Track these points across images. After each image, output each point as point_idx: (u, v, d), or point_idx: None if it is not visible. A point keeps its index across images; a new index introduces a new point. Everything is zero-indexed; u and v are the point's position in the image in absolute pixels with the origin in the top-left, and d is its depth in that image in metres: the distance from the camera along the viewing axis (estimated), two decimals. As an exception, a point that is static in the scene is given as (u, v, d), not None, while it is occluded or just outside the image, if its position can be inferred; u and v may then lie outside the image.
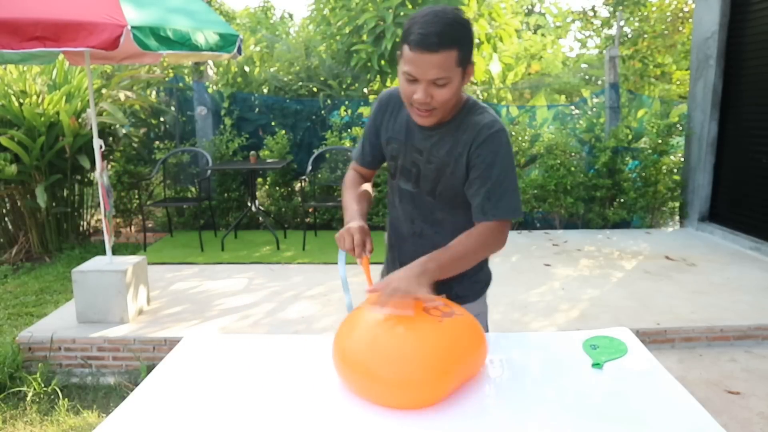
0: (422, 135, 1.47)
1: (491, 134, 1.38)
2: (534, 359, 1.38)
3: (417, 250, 1.46)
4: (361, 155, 1.64)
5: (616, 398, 1.20)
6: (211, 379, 1.32)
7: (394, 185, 1.57)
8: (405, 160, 1.50)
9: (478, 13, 5.99)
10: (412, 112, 1.39)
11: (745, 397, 2.80)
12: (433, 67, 1.26)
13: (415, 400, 1.17)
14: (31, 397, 2.97)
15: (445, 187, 1.46)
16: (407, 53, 1.28)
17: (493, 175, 1.38)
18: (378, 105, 1.56)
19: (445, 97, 1.31)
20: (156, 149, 6.16)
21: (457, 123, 1.42)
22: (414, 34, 1.26)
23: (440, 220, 1.51)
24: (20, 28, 2.70)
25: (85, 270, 3.44)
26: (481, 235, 1.40)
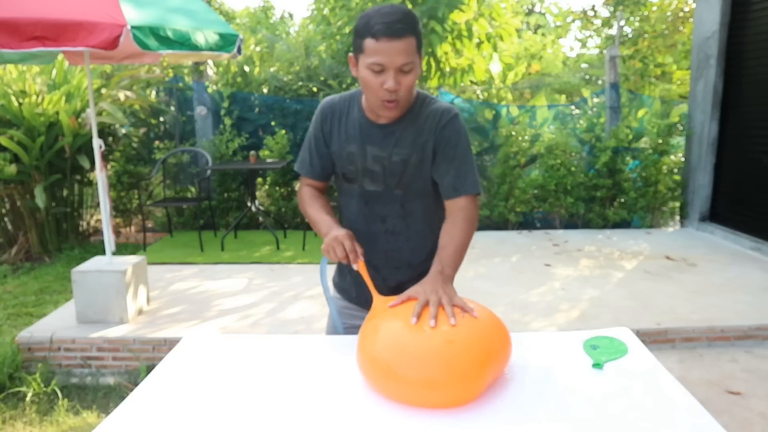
0: (381, 133, 1.50)
1: (452, 118, 1.49)
2: (534, 359, 1.38)
3: (392, 246, 1.57)
4: (311, 168, 1.61)
5: (617, 398, 1.20)
6: (211, 379, 1.32)
7: (353, 189, 1.57)
8: (366, 161, 1.52)
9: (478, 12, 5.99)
10: (378, 107, 1.43)
11: (746, 398, 2.80)
12: (401, 52, 1.33)
13: (447, 400, 1.16)
14: (31, 398, 2.97)
15: (413, 178, 1.51)
16: (372, 45, 1.34)
17: (459, 154, 1.49)
18: (321, 115, 1.57)
19: (411, 83, 1.39)
20: (156, 149, 6.16)
21: (414, 114, 1.50)
22: (378, 25, 1.32)
23: (411, 211, 1.55)
24: (20, 27, 2.69)
25: (85, 270, 3.44)
26: (464, 218, 1.48)
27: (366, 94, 1.45)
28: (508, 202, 5.93)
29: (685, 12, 8.51)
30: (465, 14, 5.85)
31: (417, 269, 1.55)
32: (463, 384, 1.15)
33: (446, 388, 1.15)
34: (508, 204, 5.93)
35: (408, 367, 1.15)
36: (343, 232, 1.44)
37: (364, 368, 1.24)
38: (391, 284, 1.59)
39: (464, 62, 6.26)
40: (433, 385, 1.14)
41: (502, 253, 5.06)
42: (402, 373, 1.16)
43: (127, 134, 6.05)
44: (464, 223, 1.48)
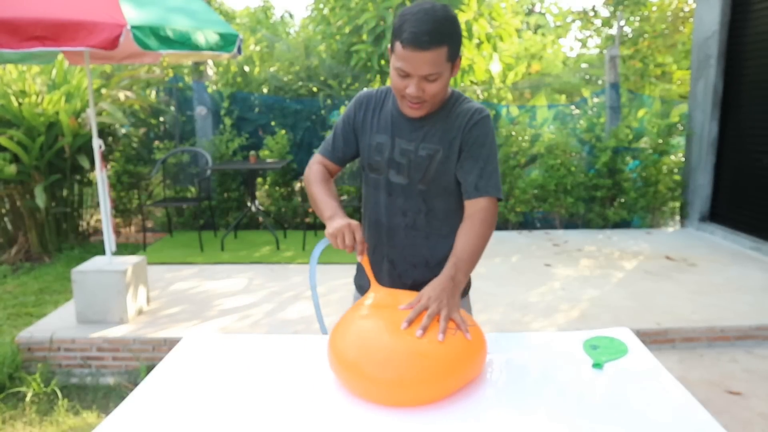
0: (411, 127, 1.51)
1: (482, 118, 1.49)
2: (534, 359, 1.38)
3: (411, 241, 1.56)
4: (332, 150, 1.61)
5: (617, 398, 1.20)
6: (211, 379, 1.32)
7: (380, 181, 1.56)
8: (394, 153, 1.52)
9: (478, 12, 5.98)
10: (402, 105, 1.45)
11: (746, 398, 2.80)
12: (425, 63, 1.33)
13: (410, 399, 1.17)
14: (31, 398, 2.97)
15: (437, 174, 1.50)
16: (399, 50, 1.34)
17: (484, 155, 1.48)
18: (357, 103, 1.59)
19: (435, 90, 1.39)
20: (156, 149, 6.16)
21: (446, 112, 1.50)
22: (406, 33, 1.31)
23: (433, 208, 1.54)
24: (20, 27, 2.69)
25: (85, 270, 3.44)
26: (482, 220, 1.46)
27: (394, 91, 1.45)
28: (508, 202, 5.93)
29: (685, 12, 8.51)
30: (465, 14, 5.85)
31: (434, 270, 1.50)
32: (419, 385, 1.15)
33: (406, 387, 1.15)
34: (508, 204, 5.93)
35: (373, 366, 1.16)
36: (355, 222, 1.41)
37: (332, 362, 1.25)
38: (406, 281, 1.58)
39: (464, 62, 6.26)
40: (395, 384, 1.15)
41: (502, 253, 5.06)
42: (368, 371, 1.16)
43: (127, 134, 6.05)
44: (482, 226, 1.45)
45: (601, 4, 9.06)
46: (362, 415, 1.15)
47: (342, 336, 1.26)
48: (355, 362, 1.19)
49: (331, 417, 1.15)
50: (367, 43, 6.00)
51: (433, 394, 1.17)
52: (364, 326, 1.26)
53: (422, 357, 1.16)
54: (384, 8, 5.85)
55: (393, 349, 1.17)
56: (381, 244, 1.60)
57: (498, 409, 1.17)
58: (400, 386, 1.15)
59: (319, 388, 1.26)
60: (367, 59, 6.06)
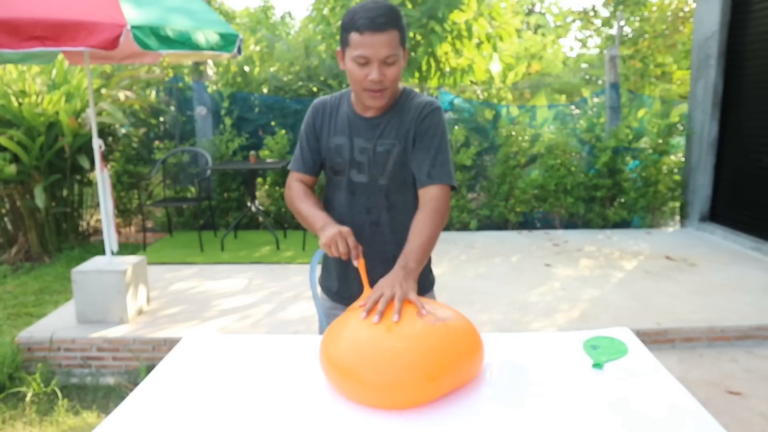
0: (367, 125, 1.57)
1: (432, 110, 1.55)
2: (534, 359, 1.38)
3: (377, 238, 1.60)
4: (302, 163, 1.66)
5: (617, 399, 1.19)
6: (211, 379, 1.32)
7: (341, 182, 1.62)
8: (354, 152, 1.58)
9: (478, 12, 5.98)
10: (364, 98, 1.50)
11: (746, 398, 2.80)
12: (384, 45, 1.41)
13: (402, 401, 1.16)
14: (31, 398, 2.97)
15: (396, 168, 1.57)
16: (357, 39, 1.41)
17: (436, 144, 1.54)
18: (313, 111, 1.65)
19: (394, 74, 1.46)
20: (156, 149, 6.16)
21: (399, 108, 1.57)
22: (361, 20, 1.40)
23: (395, 203, 1.60)
24: (20, 27, 2.69)
25: (85, 270, 3.44)
26: (434, 209, 1.50)
27: (352, 86, 1.51)
28: (508, 202, 5.93)
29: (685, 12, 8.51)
30: (465, 14, 5.85)
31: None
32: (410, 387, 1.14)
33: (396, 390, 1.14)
34: (508, 204, 5.93)
35: (363, 369, 1.15)
36: (346, 229, 1.45)
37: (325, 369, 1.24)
38: (375, 278, 1.57)
39: (464, 62, 6.26)
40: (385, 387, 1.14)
41: (502, 253, 5.06)
42: (357, 374, 1.15)
43: (127, 134, 6.05)
44: (433, 215, 1.49)
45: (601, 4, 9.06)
46: (362, 415, 1.15)
47: (334, 341, 1.25)
48: (349, 367, 1.17)
49: (330, 417, 1.15)
50: (367, 43, 5.99)
51: (428, 394, 1.17)
52: (357, 330, 1.24)
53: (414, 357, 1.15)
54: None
55: (386, 351, 1.16)
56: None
57: (498, 409, 1.17)
58: (395, 389, 1.14)
59: (319, 388, 1.26)
60: (367, 59, 6.05)
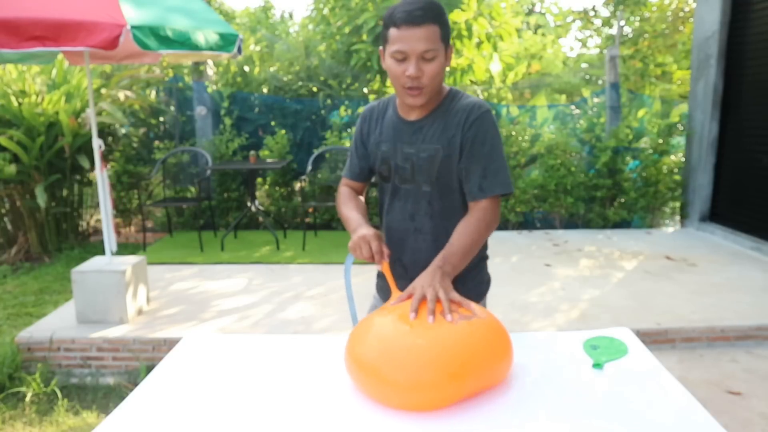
0: (410, 130, 1.53)
1: (481, 114, 1.46)
2: (534, 359, 1.38)
3: (419, 245, 1.56)
4: (350, 169, 1.68)
5: (617, 399, 1.19)
6: (211, 379, 1.32)
7: (388, 188, 1.60)
8: (398, 159, 1.55)
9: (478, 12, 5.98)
10: (403, 96, 1.45)
11: (746, 398, 2.80)
12: (421, 39, 1.36)
13: (424, 402, 1.15)
14: (30, 398, 2.97)
15: (440, 173, 1.50)
16: (394, 34, 1.38)
17: (486, 152, 1.46)
18: (362, 118, 1.64)
19: (434, 71, 1.40)
20: (156, 149, 6.15)
21: (444, 110, 1.50)
22: (399, 14, 1.37)
23: (439, 210, 1.54)
24: (19, 27, 2.69)
25: (85, 270, 3.44)
26: (481, 219, 1.45)
27: (393, 85, 1.45)
28: (508, 202, 5.93)
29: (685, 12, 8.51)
30: (465, 14, 5.85)
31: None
32: (447, 386, 1.13)
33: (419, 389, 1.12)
34: (508, 204, 5.92)
35: (387, 367, 1.14)
36: (371, 232, 1.44)
37: (350, 369, 1.23)
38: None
39: (464, 62, 6.26)
40: (418, 386, 1.12)
41: (502, 253, 5.05)
42: (386, 374, 1.14)
43: (127, 134, 6.05)
44: (479, 224, 1.44)
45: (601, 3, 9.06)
46: (362, 415, 1.15)
47: (359, 340, 1.23)
48: (372, 365, 1.16)
49: (330, 417, 1.15)
50: (367, 42, 6.00)
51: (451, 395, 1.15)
52: (380, 328, 1.23)
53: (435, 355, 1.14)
54: (384, 8, 5.84)
55: (408, 349, 1.15)
56: (393, 249, 1.60)
57: (498, 409, 1.16)
58: (416, 387, 1.13)
59: (319, 388, 1.26)
60: (367, 59, 6.06)
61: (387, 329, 1.21)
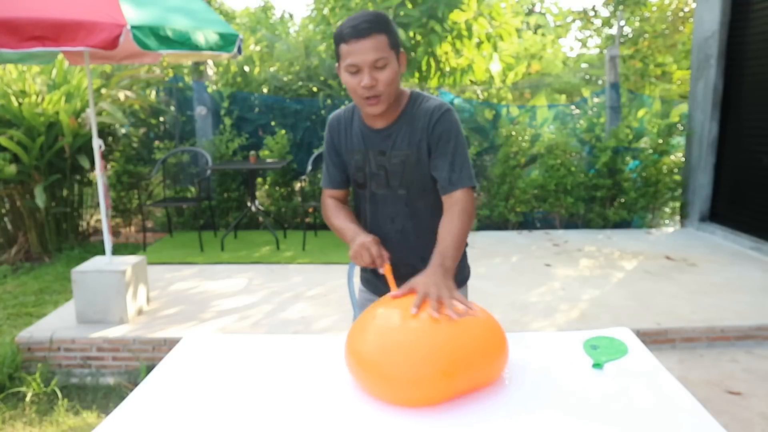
0: (380, 137, 1.58)
1: (443, 113, 1.52)
2: (534, 359, 1.38)
3: (404, 245, 1.63)
4: (330, 179, 1.71)
5: (617, 399, 1.19)
6: (211, 379, 1.32)
7: (365, 194, 1.65)
8: (371, 166, 1.60)
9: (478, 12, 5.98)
10: (363, 106, 1.50)
11: (746, 398, 2.80)
12: (370, 50, 1.42)
13: (417, 398, 1.16)
14: (31, 398, 2.97)
15: (413, 177, 1.57)
16: (345, 49, 1.44)
17: (451, 149, 1.53)
18: (329, 129, 1.68)
19: (387, 78, 1.45)
20: (156, 149, 6.15)
21: (409, 115, 1.55)
22: (346, 30, 1.43)
23: (417, 210, 1.61)
24: (19, 27, 2.69)
25: (85, 270, 3.44)
26: (461, 210, 1.51)
27: (353, 98, 1.51)
28: (508, 202, 5.93)
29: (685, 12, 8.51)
30: (465, 14, 5.85)
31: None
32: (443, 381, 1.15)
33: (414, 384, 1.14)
34: (508, 204, 5.92)
35: (385, 362, 1.16)
36: (369, 239, 1.51)
37: (349, 364, 1.24)
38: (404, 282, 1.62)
39: (464, 62, 6.26)
40: (415, 381, 1.14)
41: (502, 253, 5.05)
42: (384, 368, 1.16)
43: (127, 134, 6.04)
44: (461, 215, 1.50)
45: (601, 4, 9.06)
46: (361, 415, 1.15)
47: (357, 336, 1.25)
48: (369, 360, 1.18)
49: (329, 417, 1.15)
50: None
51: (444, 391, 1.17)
52: (383, 325, 1.24)
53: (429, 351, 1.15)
54: (384, 8, 5.84)
55: (403, 344, 1.17)
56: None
57: (498, 408, 1.16)
58: (410, 383, 1.15)
59: (318, 388, 1.26)
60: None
61: (386, 324, 1.24)
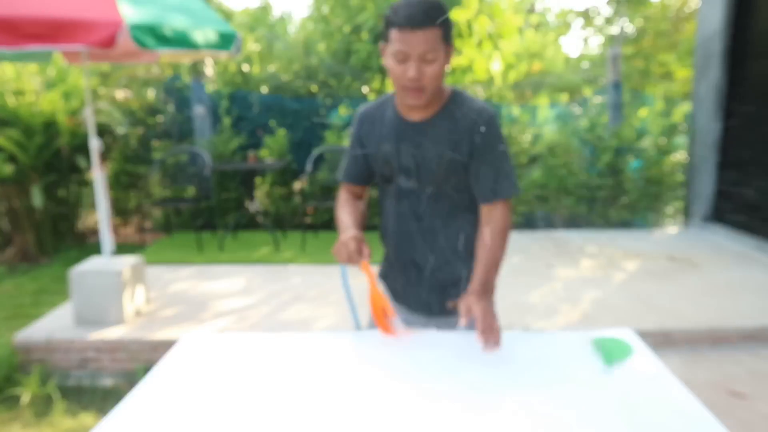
0: (415, 130, 1.52)
1: (489, 119, 1.48)
2: (535, 359, 1.37)
3: (429, 245, 1.58)
4: (347, 171, 1.68)
5: (619, 400, 1.18)
6: (209, 379, 1.31)
7: (391, 189, 1.60)
8: (401, 159, 1.54)
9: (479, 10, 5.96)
10: (404, 96, 1.44)
11: (750, 400, 2.77)
12: (422, 42, 1.36)
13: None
14: (27, 400, 2.95)
15: (446, 175, 1.51)
16: (395, 34, 1.37)
17: (496, 157, 1.49)
18: (358, 120, 1.63)
19: (434, 73, 1.40)
20: (154, 149, 6.13)
21: (448, 112, 1.50)
22: (401, 15, 1.36)
23: (445, 209, 1.56)
24: (16, 25, 2.67)
25: (82, 271, 3.41)
26: (500, 222, 1.50)
27: (393, 83, 1.45)
28: (509, 202, 5.90)
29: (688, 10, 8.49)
30: (465, 12, 5.83)
31: (456, 268, 1.58)
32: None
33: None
34: (509, 204, 5.89)
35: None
36: (350, 235, 1.47)
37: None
38: (433, 283, 1.60)
39: (465, 61, 6.23)
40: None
41: (503, 253, 5.02)
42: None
43: (125, 134, 6.02)
44: (503, 234, 1.51)
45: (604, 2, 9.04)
46: (361, 416, 1.14)
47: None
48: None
49: (329, 416, 1.13)
50: (367, 42, 5.98)
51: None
52: None
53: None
54: (384, 7, 5.82)
55: None
56: (403, 251, 1.62)
57: (498, 408, 1.15)
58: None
59: (318, 388, 1.25)
60: (366, 58, 6.04)
61: None
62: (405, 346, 1.44)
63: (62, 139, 5.05)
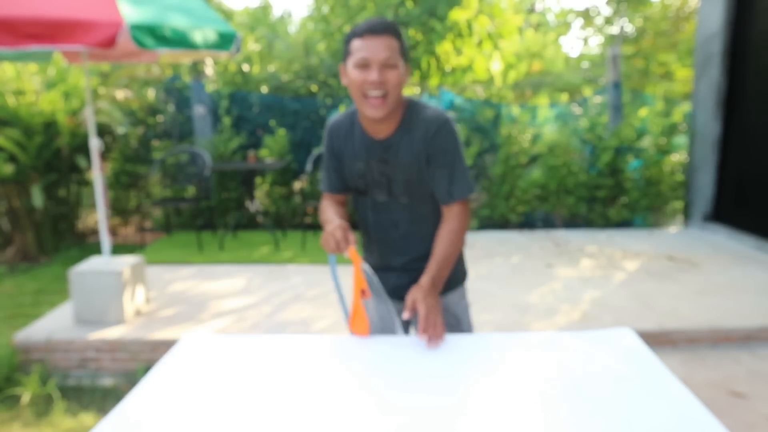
0: (381, 147, 1.59)
1: (440, 125, 1.55)
2: (535, 359, 1.36)
3: (408, 249, 1.69)
4: (329, 183, 1.73)
5: (619, 400, 1.18)
6: (209, 379, 1.31)
7: (366, 201, 1.68)
8: (374, 175, 1.62)
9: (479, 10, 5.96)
10: (365, 106, 1.50)
11: (750, 400, 2.77)
12: (384, 48, 1.45)
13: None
14: (27, 400, 2.95)
15: (415, 186, 1.61)
16: (357, 44, 1.47)
17: (450, 161, 1.57)
18: (329, 135, 1.69)
19: (395, 79, 1.47)
20: (154, 149, 6.13)
21: (407, 124, 1.57)
22: (362, 27, 1.47)
23: (420, 216, 1.66)
24: (16, 25, 2.68)
25: (83, 270, 3.41)
26: (455, 222, 1.58)
27: (354, 97, 1.52)
28: (509, 202, 5.90)
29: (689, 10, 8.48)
30: (465, 12, 5.82)
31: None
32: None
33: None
34: (509, 204, 5.90)
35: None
36: (335, 224, 1.52)
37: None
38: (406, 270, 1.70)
39: (465, 61, 6.23)
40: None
41: (503, 253, 5.03)
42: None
43: (125, 133, 6.03)
44: (458, 233, 1.58)
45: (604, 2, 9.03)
46: (362, 415, 1.13)
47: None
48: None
49: (329, 416, 1.13)
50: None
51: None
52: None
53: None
54: (384, 7, 5.82)
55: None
56: (384, 257, 1.72)
57: (498, 408, 1.15)
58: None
59: (318, 388, 1.25)
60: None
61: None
62: (403, 349, 1.44)
63: (62, 139, 5.05)
